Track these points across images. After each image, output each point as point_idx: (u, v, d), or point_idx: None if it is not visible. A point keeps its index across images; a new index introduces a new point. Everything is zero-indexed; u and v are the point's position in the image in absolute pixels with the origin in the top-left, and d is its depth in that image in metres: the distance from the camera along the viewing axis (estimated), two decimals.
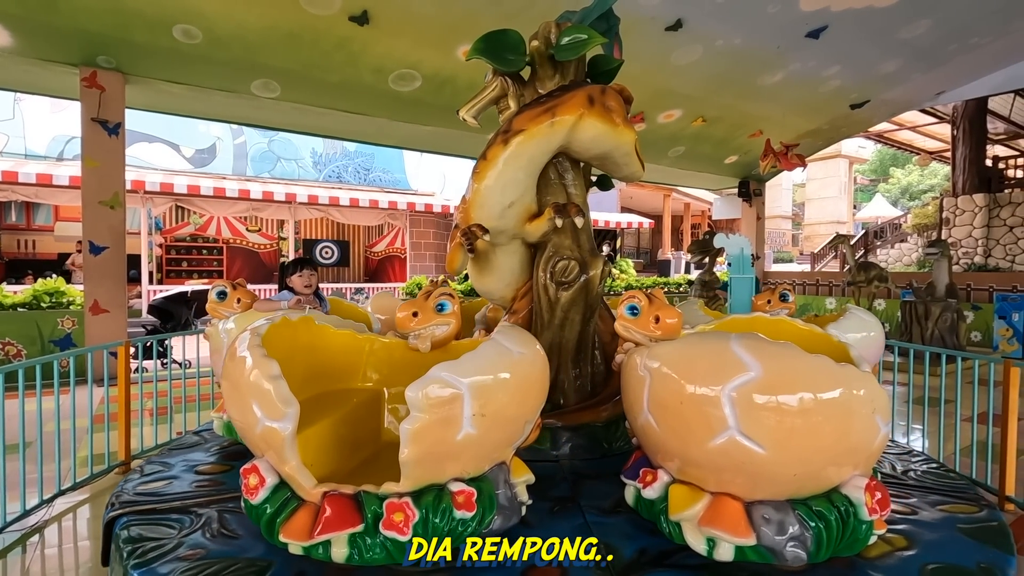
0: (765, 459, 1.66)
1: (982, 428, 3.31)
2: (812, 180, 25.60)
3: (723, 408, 1.66)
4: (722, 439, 1.68)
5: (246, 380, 1.84)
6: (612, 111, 2.47)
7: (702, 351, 1.83)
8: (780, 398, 1.64)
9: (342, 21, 5.52)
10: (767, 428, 1.65)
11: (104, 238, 5.69)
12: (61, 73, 5.57)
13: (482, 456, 1.94)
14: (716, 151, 10.07)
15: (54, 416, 3.04)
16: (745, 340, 1.77)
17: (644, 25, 5.99)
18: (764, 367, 1.67)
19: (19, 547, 2.57)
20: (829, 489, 1.79)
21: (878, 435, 1.76)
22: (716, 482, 1.80)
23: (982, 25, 6.65)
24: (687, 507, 1.78)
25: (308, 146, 13.69)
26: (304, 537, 1.77)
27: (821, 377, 1.69)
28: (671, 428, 1.83)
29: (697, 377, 1.74)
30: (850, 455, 1.77)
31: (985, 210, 12.79)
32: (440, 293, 2.34)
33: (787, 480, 1.74)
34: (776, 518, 1.73)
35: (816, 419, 1.65)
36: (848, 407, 1.69)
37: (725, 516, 1.73)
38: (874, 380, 1.76)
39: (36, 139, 11.00)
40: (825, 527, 1.73)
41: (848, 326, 2.68)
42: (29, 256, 11.85)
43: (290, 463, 1.77)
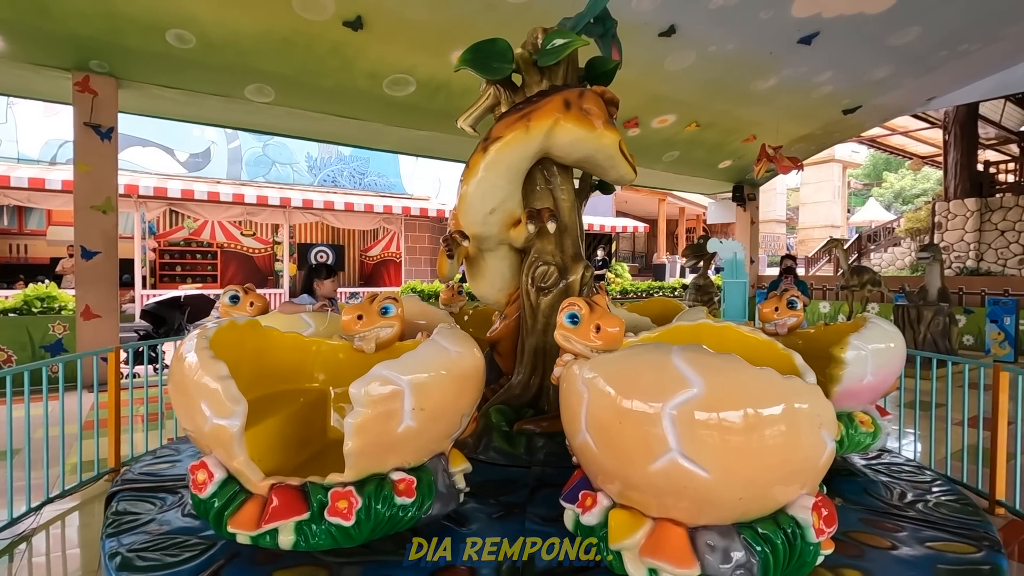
0: (709, 483, 1.54)
1: (973, 432, 3.32)
2: (806, 184, 25.71)
3: (663, 428, 1.53)
4: (663, 462, 1.54)
5: (194, 381, 1.92)
6: (590, 114, 2.45)
7: (642, 365, 1.68)
8: (723, 416, 1.52)
9: (336, 26, 5.52)
10: (710, 449, 1.53)
11: (96, 243, 5.66)
12: (54, 77, 5.55)
13: (421, 447, 2.05)
14: (710, 156, 10.12)
15: (43, 423, 3.02)
16: (688, 353, 1.65)
17: (638, 31, 6.01)
18: (707, 383, 1.55)
19: (6, 555, 2.55)
20: (776, 510, 1.69)
21: (825, 451, 1.65)
22: (658, 507, 1.67)
23: (972, 32, 6.71)
24: (628, 535, 1.66)
25: (303, 150, 13.67)
26: (252, 527, 1.86)
27: (766, 392, 1.58)
28: (610, 449, 1.69)
29: (636, 393, 1.61)
30: (797, 474, 1.67)
31: (977, 214, 12.88)
32: (384, 297, 2.47)
33: (732, 504, 1.62)
34: (721, 545, 1.61)
35: (762, 437, 1.54)
36: (795, 423, 1.58)
37: (667, 545, 1.61)
38: (820, 393, 1.67)
39: (29, 143, 10.95)
40: (772, 552, 1.62)
41: (871, 337, 2.58)
42: (21, 261, 11.77)
43: (238, 458, 1.87)
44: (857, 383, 2.54)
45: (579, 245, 2.89)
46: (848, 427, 2.63)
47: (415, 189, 14.98)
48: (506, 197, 2.69)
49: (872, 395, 2.76)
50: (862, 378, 2.54)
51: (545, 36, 2.63)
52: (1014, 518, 2.86)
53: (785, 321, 3.04)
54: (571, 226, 2.85)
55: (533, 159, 2.63)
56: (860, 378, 2.53)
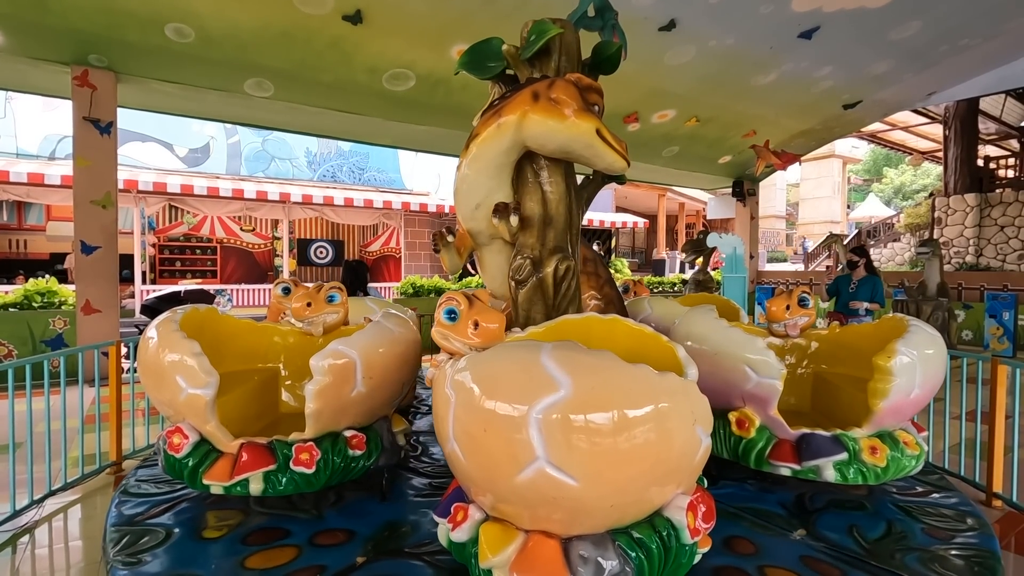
0: (579, 491, 1.44)
1: (971, 426, 3.33)
2: (806, 180, 25.71)
3: (529, 434, 1.41)
4: (530, 471, 1.43)
5: (169, 357, 2.24)
6: (559, 103, 2.39)
7: (508, 365, 1.55)
8: (591, 418, 1.40)
9: (335, 20, 5.51)
10: (579, 455, 1.42)
11: (96, 238, 5.66)
12: (52, 72, 5.54)
13: (369, 410, 2.48)
14: (710, 151, 10.11)
15: (45, 416, 3.03)
16: (558, 351, 1.52)
17: (637, 25, 6.00)
18: (575, 383, 1.43)
19: (9, 547, 2.56)
20: (652, 512, 1.63)
21: (700, 448, 1.60)
22: (531, 519, 1.57)
23: (972, 27, 6.70)
24: (498, 551, 1.55)
25: (302, 145, 13.65)
26: (225, 479, 2.22)
27: (637, 391, 1.47)
28: (476, 458, 1.57)
29: (501, 396, 1.47)
30: (672, 474, 1.59)
31: (976, 210, 12.88)
32: (331, 286, 2.87)
33: (605, 511, 1.54)
34: (594, 555, 1.52)
35: (632, 439, 1.44)
36: (667, 421, 1.49)
37: (538, 561, 1.52)
38: (695, 388, 1.61)
39: (27, 138, 10.93)
40: (647, 557, 1.56)
41: (918, 342, 2.34)
42: (21, 256, 11.77)
43: (211, 423, 2.23)
44: (904, 398, 2.28)
45: (567, 238, 2.80)
46: (893, 450, 2.38)
47: (415, 184, 14.97)
48: (489, 192, 2.70)
49: (915, 410, 2.50)
50: (910, 391, 2.28)
51: (529, 29, 2.64)
52: (1011, 510, 2.88)
53: (796, 321, 2.80)
54: (557, 218, 2.76)
55: (511, 153, 2.62)
56: (908, 391, 2.27)
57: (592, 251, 3.13)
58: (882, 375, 2.32)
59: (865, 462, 2.35)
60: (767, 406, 2.41)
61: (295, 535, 2.21)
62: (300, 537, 2.19)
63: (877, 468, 2.35)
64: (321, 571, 1.91)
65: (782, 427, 2.43)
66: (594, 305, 2.89)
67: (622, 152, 2.49)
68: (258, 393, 2.75)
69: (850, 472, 2.34)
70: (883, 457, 2.35)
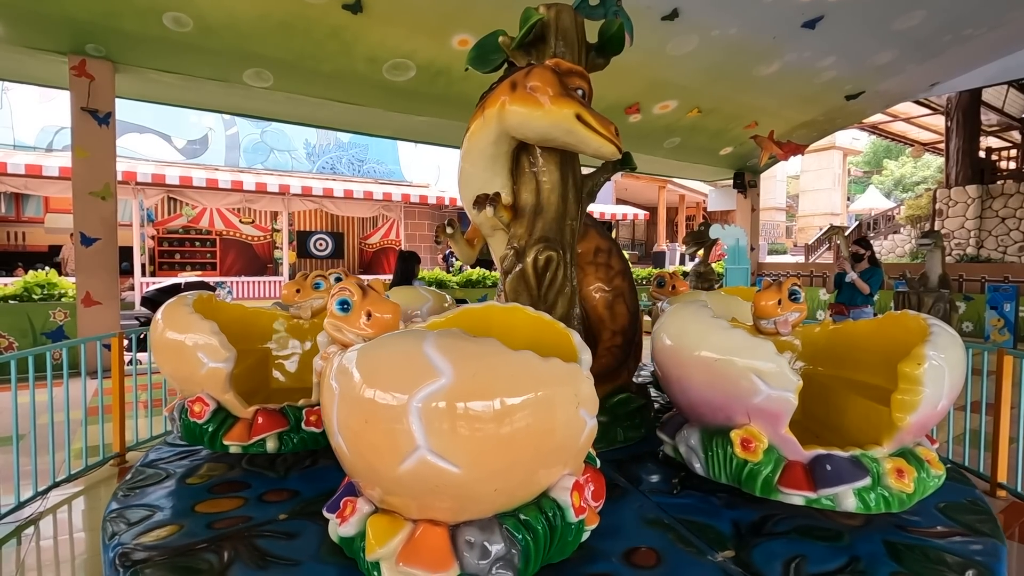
0: (461, 478, 1.45)
1: (975, 417, 3.34)
2: (806, 172, 25.66)
3: (410, 423, 1.41)
4: (412, 460, 1.43)
5: (190, 335, 2.46)
6: (536, 91, 2.34)
7: (390, 354, 1.53)
8: (471, 405, 1.42)
9: (335, 9, 5.45)
10: (459, 442, 1.42)
11: (96, 229, 5.63)
12: (49, 62, 5.48)
13: None
14: (711, 142, 10.06)
15: (47, 408, 3.02)
16: (442, 339, 1.51)
17: (640, 15, 5.92)
18: (456, 371, 1.43)
19: (14, 539, 2.56)
20: (540, 494, 1.67)
21: (585, 429, 1.62)
22: (419, 508, 1.57)
23: (976, 16, 6.65)
24: (384, 542, 1.53)
25: (301, 137, 13.59)
26: (244, 439, 2.46)
27: (519, 376, 1.49)
28: (359, 449, 1.55)
29: (382, 385, 1.47)
30: (556, 455, 1.63)
31: (978, 201, 12.86)
32: (316, 275, 3.07)
33: (489, 497, 1.55)
34: (480, 540, 1.54)
35: (513, 424, 1.45)
36: (550, 406, 1.51)
37: (424, 549, 1.52)
38: (579, 371, 1.62)
39: (25, 129, 10.86)
40: (533, 538, 1.59)
41: (945, 345, 2.02)
42: (19, 248, 11.72)
43: (229, 392, 2.46)
44: (932, 410, 1.99)
45: (558, 228, 2.74)
46: (919, 470, 2.03)
47: (414, 176, 14.92)
48: (484, 184, 2.69)
49: (936, 422, 2.21)
50: (938, 401, 1.98)
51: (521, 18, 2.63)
52: (1015, 500, 2.89)
53: (787, 317, 2.47)
54: (547, 208, 2.71)
55: (500, 144, 2.60)
56: (936, 402, 1.98)
57: (608, 241, 3.01)
58: (910, 384, 1.95)
59: (890, 487, 1.98)
60: (778, 423, 2.03)
61: (251, 489, 2.41)
62: (254, 492, 2.38)
63: (903, 494, 1.99)
64: (245, 520, 2.11)
65: (794, 447, 2.04)
66: (601, 297, 2.84)
67: (609, 136, 2.36)
68: (251, 372, 2.90)
69: (871, 499, 1.98)
70: (910, 480, 1.99)
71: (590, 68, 2.95)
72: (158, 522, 2.10)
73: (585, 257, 2.88)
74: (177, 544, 1.92)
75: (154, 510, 2.20)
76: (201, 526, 2.05)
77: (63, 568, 2.41)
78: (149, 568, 1.78)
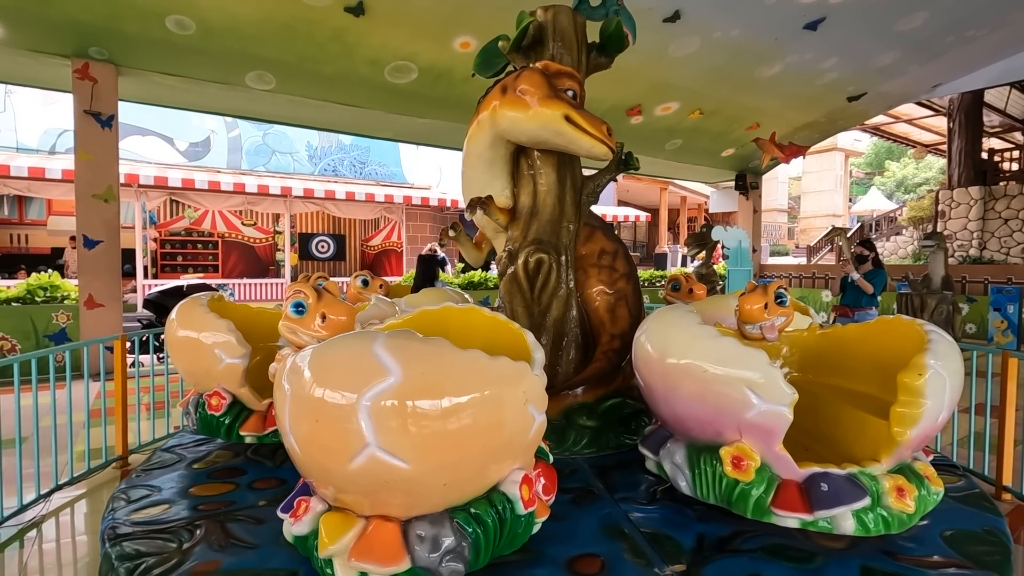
0: (410, 474, 1.48)
1: (979, 420, 3.32)
2: (808, 173, 25.62)
3: (359, 421, 1.44)
4: (362, 458, 1.46)
5: (207, 333, 2.59)
6: (525, 93, 2.36)
7: (340, 355, 1.56)
8: (420, 403, 1.46)
9: (337, 12, 5.46)
10: (408, 439, 1.46)
11: (98, 232, 5.65)
12: (53, 65, 5.50)
13: None
14: (713, 144, 10.06)
15: (50, 411, 3.02)
16: (391, 340, 1.54)
17: (642, 16, 5.88)
18: (405, 370, 1.47)
19: (16, 542, 2.56)
20: (490, 488, 1.70)
21: (534, 425, 1.67)
22: (370, 505, 1.60)
23: (979, 17, 6.64)
24: (336, 538, 1.56)
25: (303, 139, 13.61)
26: (259, 431, 2.59)
27: (468, 375, 1.54)
28: (311, 448, 1.59)
29: (333, 385, 1.50)
30: (505, 450, 1.67)
31: (980, 203, 12.83)
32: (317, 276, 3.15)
33: (439, 491, 1.58)
34: (430, 534, 1.58)
35: (461, 421, 1.50)
36: (498, 403, 1.56)
37: (376, 544, 1.55)
38: (528, 369, 1.66)
39: (28, 132, 10.89)
40: (483, 531, 1.63)
41: (944, 354, 1.90)
42: (22, 251, 11.76)
43: (245, 387, 2.60)
44: (933, 423, 1.88)
45: (553, 230, 2.72)
46: (920, 488, 1.90)
47: (416, 178, 14.93)
48: (483, 187, 2.72)
49: (933, 437, 2.11)
50: (939, 414, 1.87)
51: None
52: (1020, 503, 2.88)
53: (774, 322, 2.31)
54: (543, 210, 2.71)
55: (496, 148, 2.63)
56: (937, 414, 1.86)
57: (614, 243, 2.95)
58: (912, 396, 1.82)
59: (890, 507, 1.85)
60: (772, 440, 1.88)
61: (246, 476, 2.52)
62: (247, 478, 2.49)
63: (904, 514, 1.86)
64: (228, 504, 2.23)
65: (789, 466, 1.90)
66: (602, 300, 2.79)
67: (599, 136, 2.33)
68: (262, 366, 2.95)
69: (871, 520, 1.85)
70: (911, 500, 1.86)
71: (593, 68, 2.94)
72: (153, 501, 2.29)
73: (589, 259, 2.86)
74: (159, 521, 2.08)
75: (154, 490, 2.38)
76: (188, 507, 2.21)
77: (65, 571, 2.41)
78: (127, 541, 1.95)
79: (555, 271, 2.62)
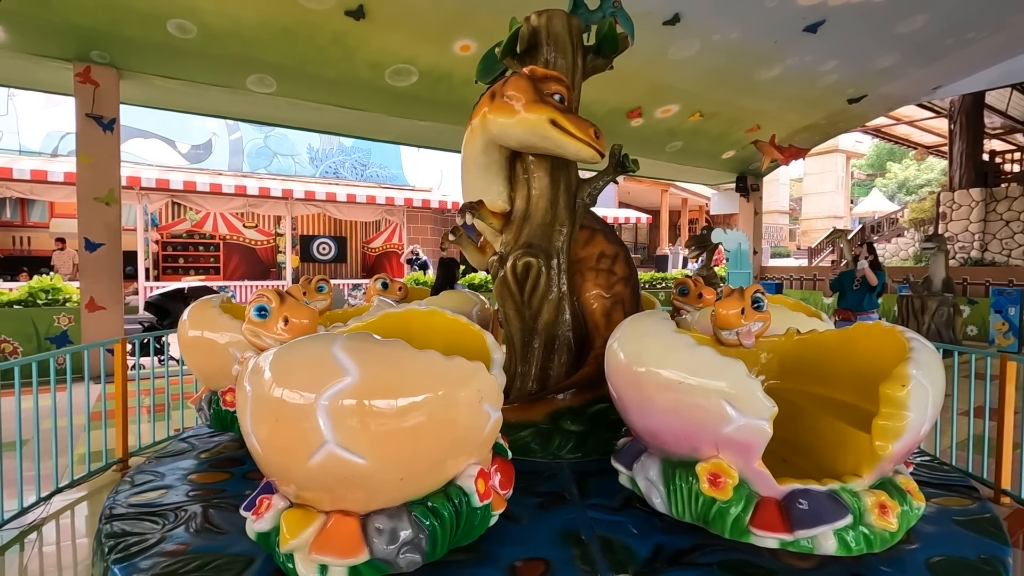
0: (368, 469, 1.54)
1: (979, 422, 3.32)
2: (809, 175, 25.60)
3: (318, 420, 1.49)
4: (320, 454, 1.51)
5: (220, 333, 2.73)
6: (511, 99, 2.39)
7: (299, 356, 1.61)
8: (376, 402, 1.51)
9: (338, 15, 5.49)
10: (365, 436, 1.52)
11: (100, 235, 5.67)
12: (55, 68, 5.53)
13: None
14: (713, 146, 10.07)
15: (51, 413, 3.03)
16: (350, 341, 1.60)
17: (641, 19, 5.90)
18: (362, 370, 1.52)
19: (17, 544, 2.57)
20: (448, 483, 1.75)
21: (489, 422, 1.74)
22: (330, 500, 1.65)
23: (979, 20, 6.65)
24: (297, 533, 1.60)
25: (305, 142, 13.64)
26: None
27: (423, 374, 1.60)
28: (271, 447, 1.63)
29: (292, 385, 1.54)
30: (461, 446, 1.74)
31: (982, 204, 12.81)
32: (319, 279, 3.40)
33: (396, 486, 1.64)
34: (388, 527, 1.63)
35: (417, 418, 1.55)
36: (453, 401, 1.63)
37: (336, 538, 1.60)
38: (483, 368, 1.72)
39: (30, 135, 10.94)
40: (440, 523, 1.68)
41: (926, 363, 1.82)
42: (24, 253, 11.80)
43: None
44: (915, 435, 1.80)
45: (545, 234, 2.71)
46: (902, 503, 1.83)
47: (417, 180, 14.95)
48: (479, 192, 2.77)
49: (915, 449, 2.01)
50: (921, 426, 1.79)
51: None
52: (1019, 506, 2.87)
53: (751, 328, 2.21)
54: (535, 214, 2.72)
55: (489, 153, 2.66)
56: (920, 426, 1.78)
57: (615, 246, 2.92)
58: (894, 409, 1.74)
59: (872, 525, 1.77)
60: (751, 456, 1.78)
61: (244, 467, 2.58)
62: (244, 469, 2.57)
63: (886, 532, 1.79)
64: (219, 493, 2.33)
65: (768, 482, 1.80)
66: (599, 304, 2.77)
67: (586, 139, 2.32)
68: None
69: (852, 539, 1.76)
70: (894, 517, 1.78)
71: (590, 71, 2.95)
72: (154, 486, 2.40)
73: (587, 262, 2.85)
74: (152, 504, 2.20)
75: (158, 476, 2.49)
76: (183, 493, 2.32)
77: (65, 573, 2.41)
78: (118, 521, 2.08)
79: (544, 275, 2.61)
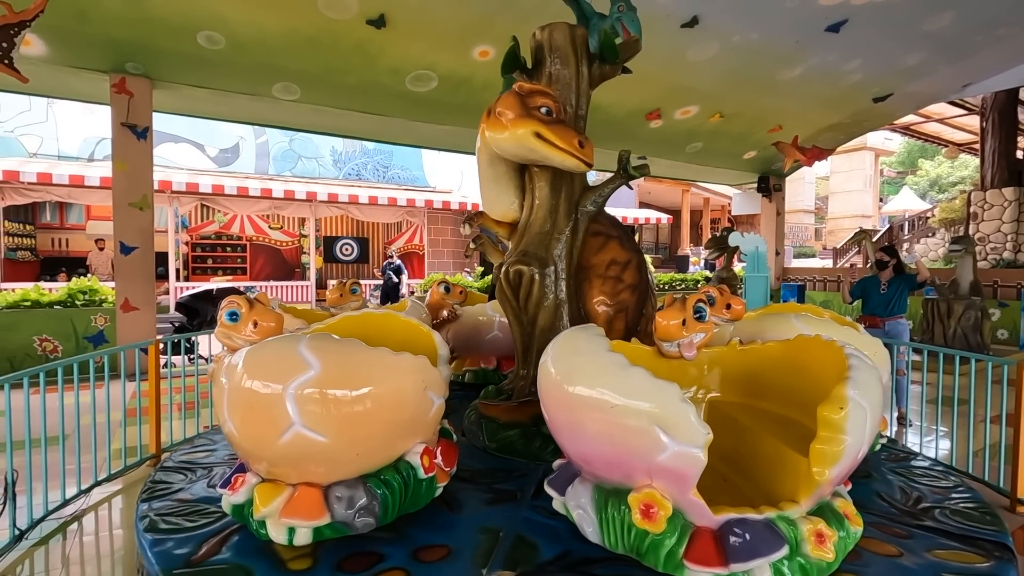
0: (328, 446, 1.85)
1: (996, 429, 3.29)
2: (836, 173, 25.06)
3: (286, 406, 1.80)
4: (288, 435, 1.81)
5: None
6: (501, 115, 2.49)
7: (269, 354, 1.92)
8: (336, 391, 1.83)
9: (360, 25, 5.62)
10: (326, 418, 1.83)
11: (134, 238, 5.91)
12: (92, 79, 5.78)
13: None
14: (734, 146, 9.97)
15: (90, 410, 3.21)
16: (314, 341, 1.92)
17: (659, 22, 5.97)
18: (323, 364, 1.83)
19: (60, 534, 2.74)
20: (398, 458, 2.06)
21: (432, 407, 2.10)
22: (297, 474, 1.94)
23: (1009, 16, 6.47)
24: (269, 502, 1.89)
25: (328, 145, 13.90)
26: None
27: (374, 368, 1.93)
28: (246, 430, 1.93)
29: (263, 378, 1.85)
30: (408, 427, 2.06)
31: (1015, 204, 12.41)
32: (352, 282, 3.60)
33: (353, 461, 1.96)
34: (347, 495, 1.93)
35: (370, 404, 1.88)
36: (400, 390, 1.96)
37: (302, 504, 1.89)
38: (427, 362, 2.05)
39: (68, 140, 11.38)
40: (390, 491, 1.99)
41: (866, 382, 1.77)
42: (63, 254, 12.27)
43: None
44: (853, 460, 1.74)
45: (543, 243, 2.76)
46: (839, 529, 1.76)
47: (438, 182, 15.11)
48: (494, 202, 2.93)
49: (851, 472, 1.90)
50: (859, 449, 1.73)
51: None
52: None
53: (693, 339, 2.14)
54: (534, 223, 2.79)
55: (496, 165, 2.81)
56: (857, 450, 1.73)
57: (628, 253, 2.86)
58: (831, 432, 1.67)
59: (808, 556, 1.68)
60: (685, 486, 1.68)
61: None
62: None
63: (823, 563, 1.70)
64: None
65: (703, 512, 1.69)
66: (602, 311, 2.76)
67: (569, 150, 2.37)
68: None
69: (787, 570, 1.66)
70: (831, 546, 1.70)
71: (599, 78, 2.99)
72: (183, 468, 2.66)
73: (596, 270, 2.85)
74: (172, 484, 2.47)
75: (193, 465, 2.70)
76: (201, 482, 2.51)
77: (103, 562, 2.57)
78: (145, 493, 2.39)
79: (538, 282, 2.67)
